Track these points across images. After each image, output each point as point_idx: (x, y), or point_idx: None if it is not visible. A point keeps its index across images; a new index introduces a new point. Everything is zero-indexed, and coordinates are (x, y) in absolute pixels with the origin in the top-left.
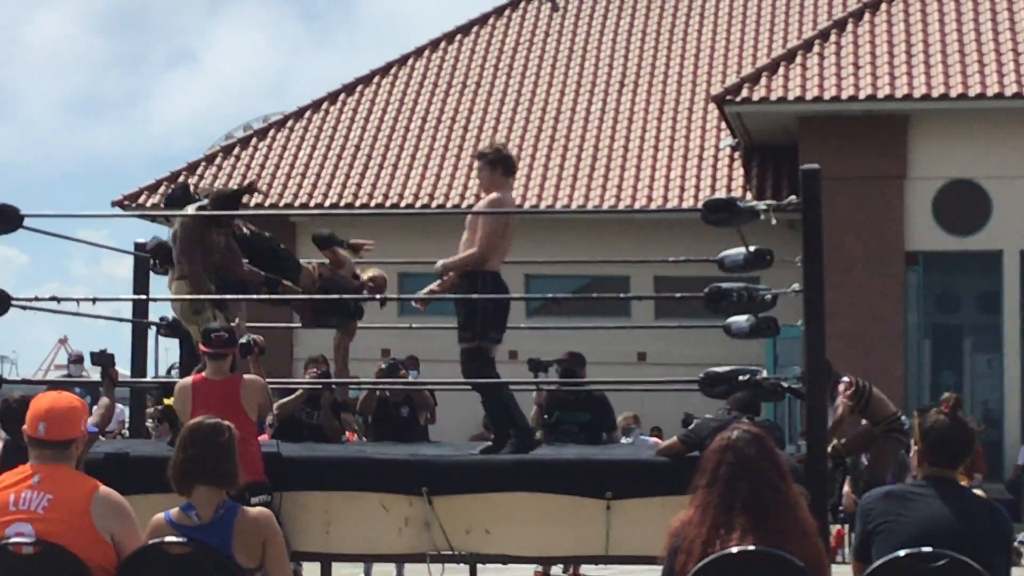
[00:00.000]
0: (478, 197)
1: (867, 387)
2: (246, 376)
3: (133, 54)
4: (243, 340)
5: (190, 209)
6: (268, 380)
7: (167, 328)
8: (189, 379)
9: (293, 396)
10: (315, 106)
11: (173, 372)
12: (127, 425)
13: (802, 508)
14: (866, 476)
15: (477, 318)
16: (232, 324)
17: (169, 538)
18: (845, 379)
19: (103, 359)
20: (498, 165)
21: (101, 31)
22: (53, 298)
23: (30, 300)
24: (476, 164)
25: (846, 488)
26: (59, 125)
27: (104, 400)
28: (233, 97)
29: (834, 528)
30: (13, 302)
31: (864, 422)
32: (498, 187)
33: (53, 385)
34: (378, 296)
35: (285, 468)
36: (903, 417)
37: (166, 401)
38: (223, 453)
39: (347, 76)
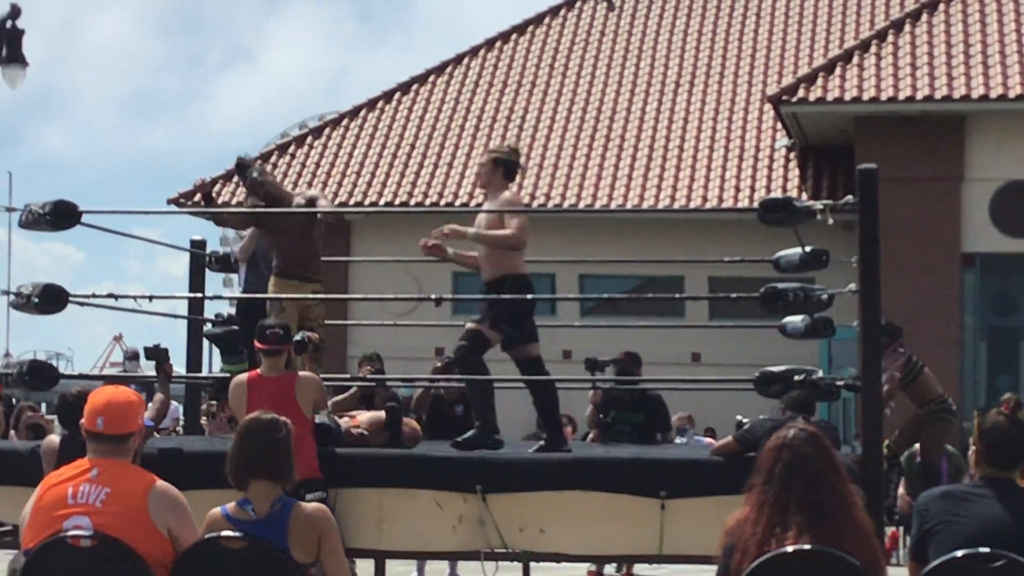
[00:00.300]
0: (533, 197)
1: (919, 363)
2: (301, 373)
3: (190, 53)
4: (297, 337)
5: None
6: (322, 377)
7: (223, 325)
8: (244, 376)
9: (347, 394)
10: (370, 105)
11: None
12: (181, 423)
13: (858, 507)
14: (918, 467)
15: (517, 319)
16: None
17: (226, 532)
18: (900, 350)
19: (157, 354)
20: (501, 166)
21: (158, 31)
22: (110, 295)
23: (87, 297)
24: (481, 159)
25: (901, 490)
26: (116, 124)
27: (159, 395)
28: (289, 96)
29: (889, 530)
30: (71, 299)
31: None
32: (498, 187)
33: (109, 381)
34: (433, 296)
35: (340, 465)
36: (949, 400)
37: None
38: (280, 448)
39: (402, 75)
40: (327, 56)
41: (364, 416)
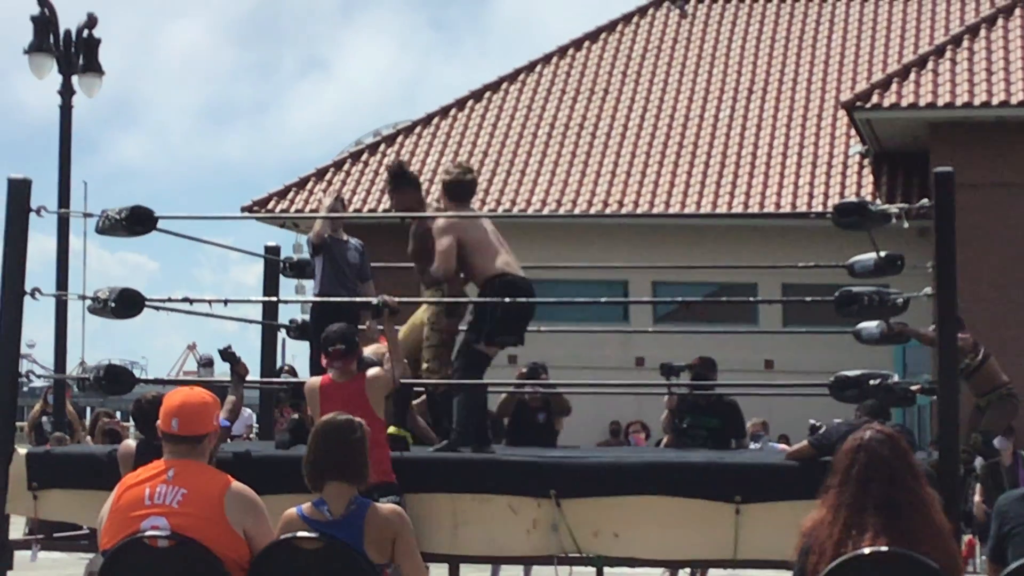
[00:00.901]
0: (606, 203)
1: (987, 352)
2: (369, 373)
3: (265, 63)
4: (374, 301)
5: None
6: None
7: (296, 331)
8: (317, 381)
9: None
10: (443, 112)
11: (283, 375)
12: (255, 429)
13: (936, 510)
14: (979, 433)
15: (485, 321)
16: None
17: (301, 533)
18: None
19: (231, 356)
20: (444, 189)
21: (234, 40)
22: (185, 299)
23: (163, 301)
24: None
25: (977, 498)
26: (191, 133)
27: (231, 397)
28: (363, 105)
29: (965, 537)
30: (147, 303)
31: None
32: (445, 210)
33: (184, 384)
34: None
35: (414, 469)
36: (1013, 387)
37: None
38: (355, 450)
39: (476, 83)
40: (402, 64)
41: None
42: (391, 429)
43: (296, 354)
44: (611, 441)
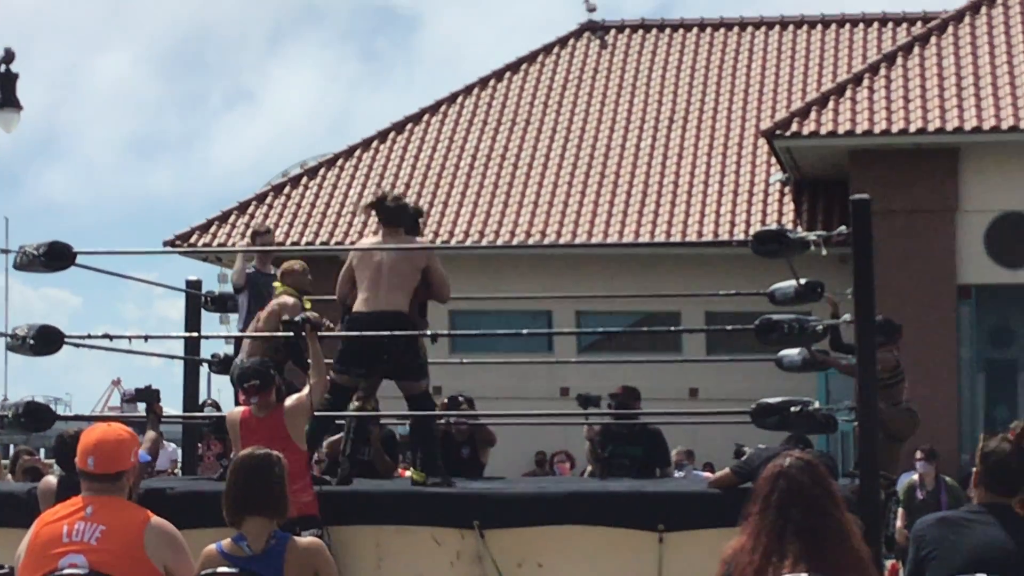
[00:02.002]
0: (528, 234)
1: (902, 373)
2: (287, 403)
3: (192, 95)
4: (297, 318)
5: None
6: (319, 415)
7: (219, 365)
8: (238, 414)
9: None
10: (365, 144)
11: (206, 408)
12: (179, 465)
13: (856, 536)
14: (919, 501)
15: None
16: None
17: (221, 568)
18: (895, 352)
19: (148, 395)
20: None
21: (161, 73)
22: (106, 335)
23: (83, 337)
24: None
25: (899, 522)
26: (117, 166)
27: (151, 433)
28: (291, 136)
29: (888, 562)
30: (66, 339)
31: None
32: None
33: (105, 420)
34: (429, 333)
35: (337, 502)
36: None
37: None
38: (274, 484)
39: (404, 114)
40: (330, 95)
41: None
42: (411, 473)
43: (221, 388)
44: (537, 471)
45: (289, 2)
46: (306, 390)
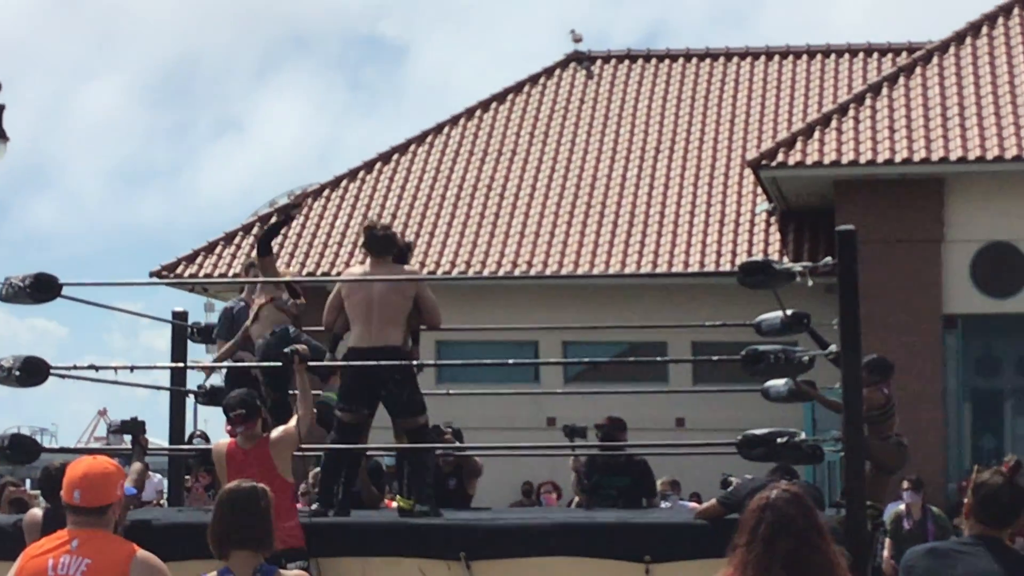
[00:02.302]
0: (515, 264)
1: (893, 409)
2: (272, 435)
3: (180, 124)
4: (285, 351)
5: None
6: (304, 448)
7: (205, 396)
8: (224, 445)
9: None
10: (352, 175)
11: (195, 440)
12: (165, 495)
13: (842, 568)
14: (906, 531)
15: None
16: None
17: None
18: (885, 391)
19: (133, 427)
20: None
21: (149, 102)
22: (91, 366)
23: (68, 368)
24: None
25: (886, 553)
26: (104, 196)
27: (136, 465)
28: (279, 166)
29: None
30: (52, 371)
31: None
32: None
33: (90, 453)
34: (415, 363)
35: (323, 534)
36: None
37: None
38: (259, 517)
39: (391, 144)
40: (318, 125)
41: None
42: (397, 501)
43: (207, 419)
44: (523, 501)
45: (277, 32)
46: (293, 421)
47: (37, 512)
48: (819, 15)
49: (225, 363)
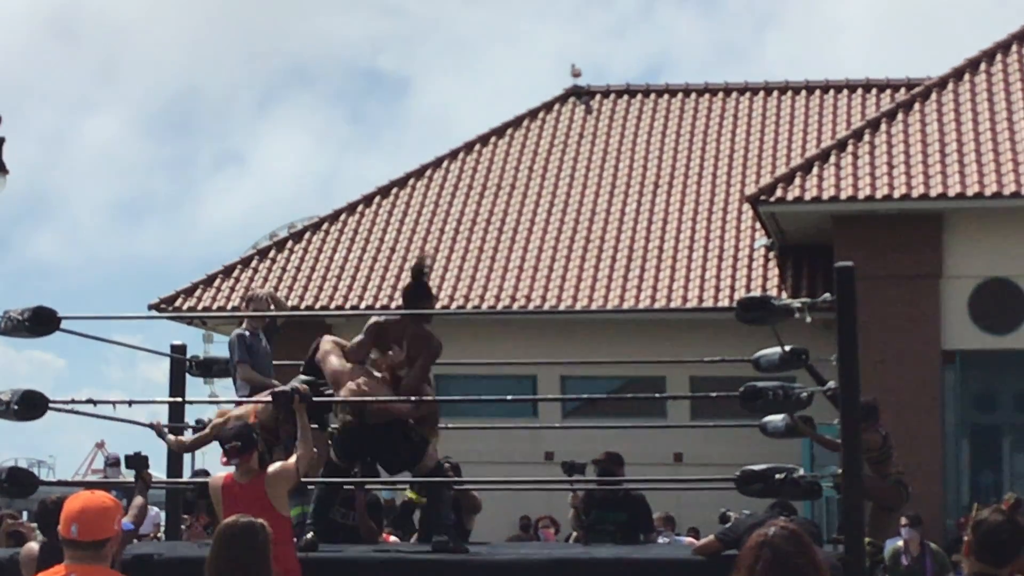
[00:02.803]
0: (513, 299)
1: (891, 446)
2: (269, 471)
3: (180, 157)
4: (286, 388)
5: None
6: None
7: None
8: (220, 479)
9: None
10: (350, 208)
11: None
12: (163, 528)
13: None
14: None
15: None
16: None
17: None
18: (880, 430)
19: (137, 462)
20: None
21: (150, 135)
22: (90, 400)
23: (67, 403)
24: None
25: None
26: (104, 229)
27: (138, 499)
28: (280, 199)
29: None
30: (51, 405)
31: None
32: None
33: (89, 487)
34: (412, 399)
35: (321, 568)
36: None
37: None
38: (257, 553)
39: (392, 177)
40: (319, 158)
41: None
42: (409, 494)
43: (205, 452)
44: (521, 536)
45: (279, 65)
46: (292, 459)
47: (33, 546)
48: (821, 50)
49: (226, 399)
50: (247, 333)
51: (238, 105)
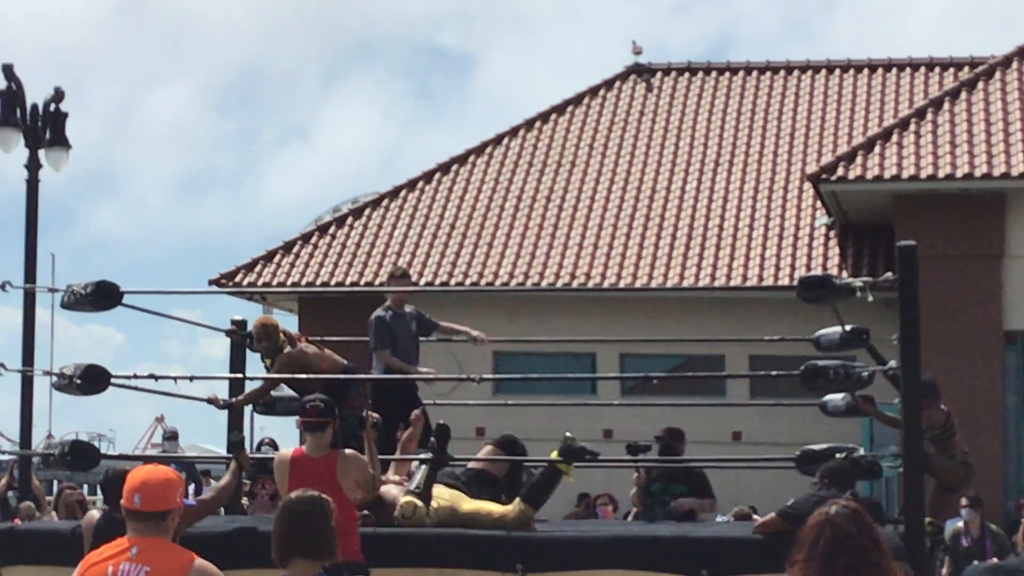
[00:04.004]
0: (573, 277)
1: (954, 425)
2: (345, 451)
3: (245, 132)
4: (363, 414)
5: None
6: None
7: (263, 407)
8: (288, 453)
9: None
10: (410, 185)
11: (264, 448)
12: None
13: None
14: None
15: None
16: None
17: None
18: (942, 407)
19: (235, 445)
20: None
21: (215, 109)
22: (151, 376)
23: (129, 377)
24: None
25: (945, 571)
26: (168, 203)
27: (228, 480)
28: (344, 173)
29: None
30: (112, 380)
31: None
32: None
33: (150, 461)
34: (475, 376)
35: (381, 545)
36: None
37: None
38: (322, 527)
39: (456, 153)
40: (384, 133)
41: None
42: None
43: (263, 427)
44: (579, 513)
45: (345, 39)
46: (371, 469)
47: (94, 514)
48: (890, 28)
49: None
50: (388, 314)
51: (303, 80)
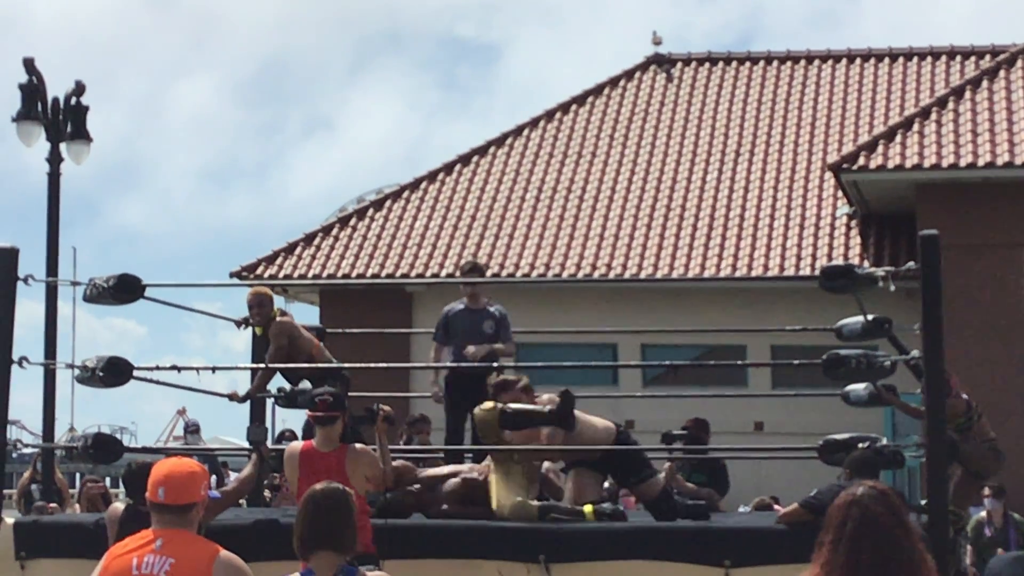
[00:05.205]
0: (594, 267)
1: (978, 409)
2: (355, 446)
3: (270, 123)
4: (373, 407)
5: None
6: (392, 450)
7: (284, 399)
8: (298, 446)
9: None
10: (431, 176)
11: (284, 440)
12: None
13: (929, 567)
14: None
15: None
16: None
17: None
18: (963, 396)
19: (256, 436)
20: None
21: (239, 101)
22: (174, 367)
23: (151, 369)
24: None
25: (967, 560)
26: (193, 196)
27: (247, 471)
28: (369, 165)
29: None
30: (135, 372)
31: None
32: None
33: (172, 454)
34: (495, 365)
35: (404, 536)
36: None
37: None
38: (343, 519)
39: (475, 145)
40: (409, 124)
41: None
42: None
43: (285, 419)
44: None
45: (370, 30)
46: (381, 464)
47: (118, 506)
48: (917, 16)
49: (308, 365)
50: (452, 308)
51: (328, 71)
